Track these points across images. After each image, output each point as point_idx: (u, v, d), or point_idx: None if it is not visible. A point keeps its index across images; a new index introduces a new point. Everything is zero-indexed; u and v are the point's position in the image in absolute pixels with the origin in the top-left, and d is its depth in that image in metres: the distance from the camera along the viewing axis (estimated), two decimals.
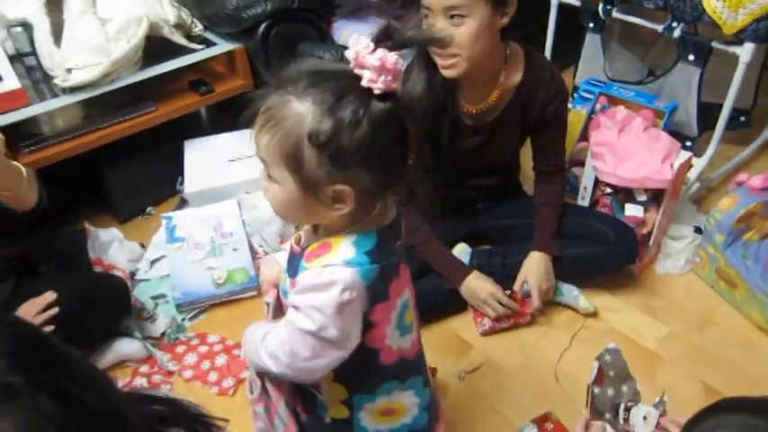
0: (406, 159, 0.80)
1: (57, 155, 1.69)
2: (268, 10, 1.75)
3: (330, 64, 0.83)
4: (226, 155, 1.92)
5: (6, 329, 0.48)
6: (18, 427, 0.42)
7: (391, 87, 0.73)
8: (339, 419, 0.93)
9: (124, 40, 1.68)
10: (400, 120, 0.76)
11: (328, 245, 0.80)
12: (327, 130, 0.71)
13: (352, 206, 0.77)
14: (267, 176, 0.78)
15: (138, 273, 1.73)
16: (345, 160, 0.72)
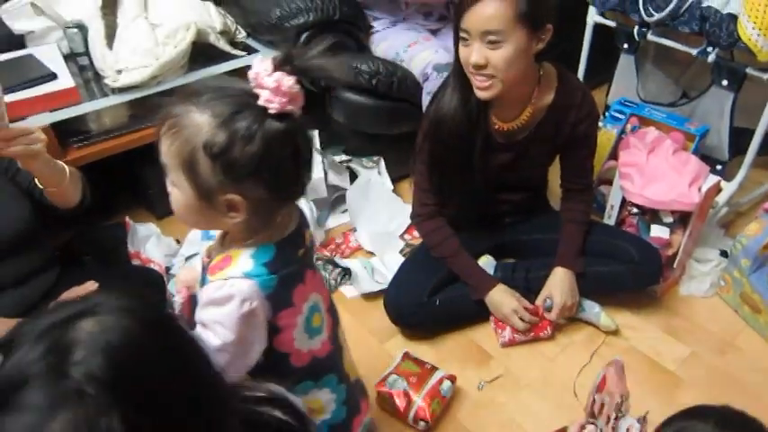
0: (301, 176, 0.84)
1: (102, 151, 1.77)
2: (310, 20, 1.81)
3: (234, 82, 0.88)
4: None
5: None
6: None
7: (286, 108, 0.77)
8: None
9: (172, 44, 1.76)
10: (294, 139, 0.80)
11: (229, 258, 0.86)
12: (221, 141, 0.76)
13: (246, 215, 0.83)
14: (169, 180, 0.84)
15: (172, 267, 1.80)
16: (237, 172, 0.78)
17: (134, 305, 0.53)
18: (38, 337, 0.49)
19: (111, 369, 0.48)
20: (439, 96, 1.43)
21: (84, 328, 0.49)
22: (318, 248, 1.88)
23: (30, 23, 1.94)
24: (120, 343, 0.49)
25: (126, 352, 0.50)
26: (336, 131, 2.03)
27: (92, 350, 0.48)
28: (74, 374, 0.47)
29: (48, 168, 1.24)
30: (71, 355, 0.47)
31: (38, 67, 1.76)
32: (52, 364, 0.47)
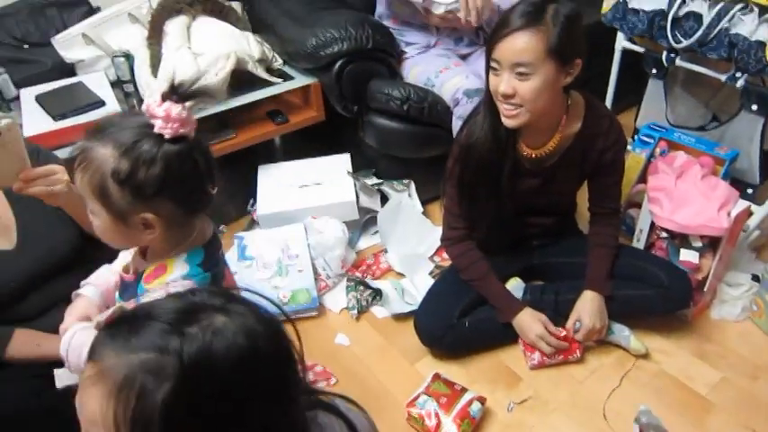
0: (207, 189, 0.94)
1: None
2: (344, 49, 1.88)
3: (131, 116, 0.97)
4: (296, 181, 2.05)
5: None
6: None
7: (179, 132, 0.87)
8: None
9: (213, 72, 1.85)
10: (191, 156, 0.89)
11: (163, 266, 0.96)
12: (126, 168, 0.86)
13: (162, 230, 0.92)
14: (89, 209, 0.93)
15: None
16: (145, 193, 0.88)
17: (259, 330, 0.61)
18: (179, 303, 0.60)
19: (204, 364, 0.55)
20: (470, 122, 1.48)
21: (218, 319, 0.58)
22: (350, 269, 1.93)
23: (80, 52, 2.06)
24: (224, 356, 0.57)
25: (226, 364, 0.56)
26: (368, 155, 2.09)
27: (207, 340, 0.56)
28: (176, 344, 0.55)
29: (73, 205, 1.24)
30: (191, 328, 0.56)
31: (87, 95, 1.86)
32: (178, 321, 0.57)
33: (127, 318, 0.60)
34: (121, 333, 0.57)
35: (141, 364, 0.54)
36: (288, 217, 1.95)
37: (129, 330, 0.57)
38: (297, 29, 1.98)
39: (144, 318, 0.58)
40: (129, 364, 0.55)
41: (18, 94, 1.90)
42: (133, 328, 0.57)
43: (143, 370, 0.54)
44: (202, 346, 0.55)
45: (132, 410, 0.54)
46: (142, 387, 0.54)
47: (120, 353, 0.56)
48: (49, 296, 1.37)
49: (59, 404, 1.33)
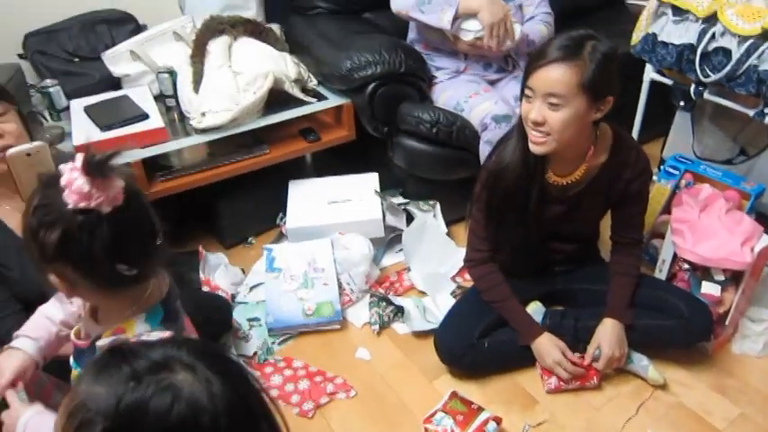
0: (114, 264, 0.89)
1: (183, 185, 1.94)
2: (377, 73, 1.95)
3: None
4: (326, 197, 2.12)
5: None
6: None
7: (80, 206, 0.83)
8: None
9: (251, 91, 1.93)
10: (97, 231, 0.86)
11: (121, 329, 0.94)
12: (33, 225, 0.87)
13: (89, 292, 0.91)
14: None
15: (238, 295, 1.94)
16: (45, 254, 0.87)
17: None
18: (159, 352, 0.62)
19: (135, 417, 0.58)
20: (500, 149, 1.52)
21: (180, 376, 0.60)
22: (373, 285, 1.97)
23: (127, 67, 2.16)
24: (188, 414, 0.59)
25: (158, 425, 0.58)
26: (396, 175, 2.15)
27: (148, 394, 0.58)
28: (124, 390, 0.58)
29: None
30: (149, 377, 0.59)
31: (132, 108, 1.95)
32: (145, 369, 0.60)
33: (114, 351, 0.64)
34: (101, 364, 0.62)
35: (94, 397, 0.59)
36: (316, 232, 2.01)
37: (105, 364, 0.61)
38: (332, 51, 2.06)
39: (122, 357, 0.61)
40: (88, 394, 0.60)
41: (68, 104, 2.01)
42: (109, 364, 0.61)
43: (93, 404, 0.59)
44: (140, 398, 0.58)
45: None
46: (85, 418, 0.58)
47: (88, 380, 0.61)
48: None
49: None
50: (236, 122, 1.93)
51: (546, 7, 2.15)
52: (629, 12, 2.80)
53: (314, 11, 2.34)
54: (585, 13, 2.82)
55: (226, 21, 2.05)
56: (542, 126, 1.35)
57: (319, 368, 1.71)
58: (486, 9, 1.91)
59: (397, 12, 2.11)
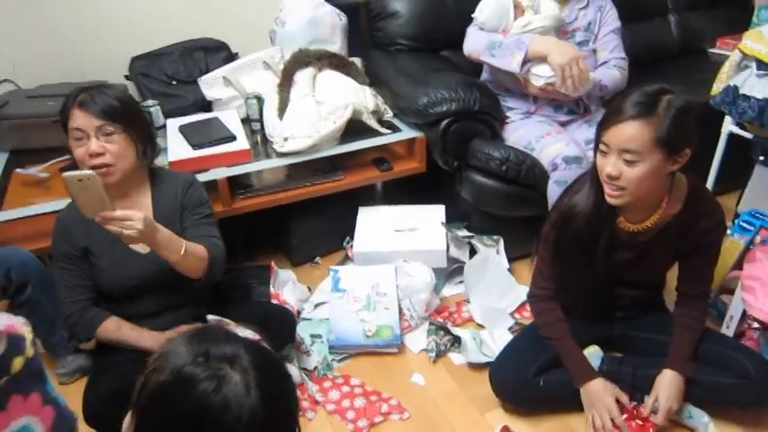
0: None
1: (261, 204, 2.07)
2: (452, 109, 2.03)
3: None
4: (392, 225, 2.20)
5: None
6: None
7: None
8: None
9: (332, 120, 2.05)
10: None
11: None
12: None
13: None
14: None
15: (303, 312, 2.03)
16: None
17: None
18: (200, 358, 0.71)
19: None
20: (570, 192, 1.55)
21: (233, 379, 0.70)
22: (433, 313, 2.02)
23: (219, 92, 2.34)
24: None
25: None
26: (462, 208, 2.21)
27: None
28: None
29: (153, 245, 1.40)
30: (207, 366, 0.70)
31: (222, 129, 2.11)
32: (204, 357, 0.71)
33: (213, 329, 0.78)
34: (200, 331, 0.75)
35: (174, 353, 0.71)
36: (381, 257, 2.08)
37: (201, 333, 0.75)
38: (410, 86, 2.16)
39: (210, 336, 0.74)
40: (174, 347, 0.72)
41: (165, 123, 2.19)
42: (203, 335, 0.74)
43: (171, 356, 0.71)
44: (194, 374, 0.69)
45: (144, 374, 0.72)
46: (159, 365, 0.71)
47: (182, 342, 0.73)
48: (159, 302, 1.59)
49: None
50: (315, 148, 2.05)
51: (620, 52, 2.17)
52: (710, 61, 2.78)
53: (394, 47, 2.46)
54: (664, 59, 2.82)
55: (312, 54, 2.20)
56: (618, 180, 1.36)
57: (375, 388, 1.76)
58: (556, 51, 1.95)
59: (469, 55, 2.19)
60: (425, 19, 2.43)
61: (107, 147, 1.41)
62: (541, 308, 1.66)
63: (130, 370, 1.48)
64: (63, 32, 2.46)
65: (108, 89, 1.45)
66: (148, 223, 1.33)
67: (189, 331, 0.75)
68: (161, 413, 0.69)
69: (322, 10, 2.39)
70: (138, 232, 1.30)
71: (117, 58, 2.47)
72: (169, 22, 2.58)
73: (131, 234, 1.30)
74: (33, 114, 2.10)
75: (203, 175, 1.94)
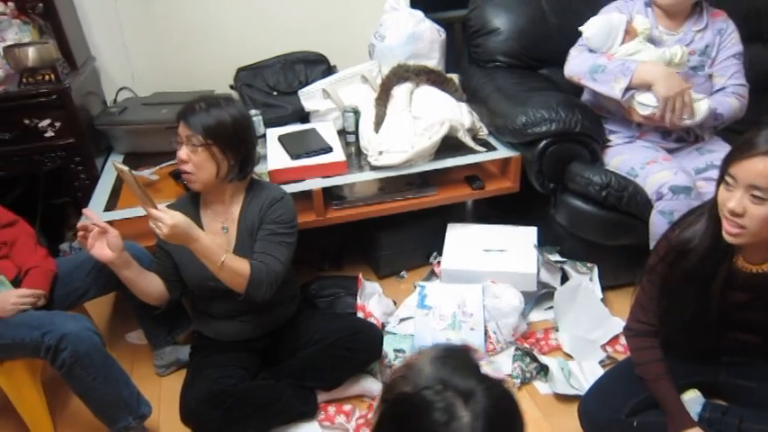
0: None
1: (353, 215, 2.10)
2: (552, 130, 1.97)
3: None
4: (482, 244, 2.17)
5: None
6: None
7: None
8: None
9: (427, 136, 2.05)
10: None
11: None
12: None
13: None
14: None
15: (387, 325, 2.04)
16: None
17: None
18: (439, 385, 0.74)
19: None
20: (684, 224, 1.45)
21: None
22: (519, 339, 1.97)
23: (317, 104, 2.41)
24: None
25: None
26: (555, 232, 2.14)
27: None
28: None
29: (194, 252, 1.47)
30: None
31: (319, 141, 2.17)
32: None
33: (460, 357, 0.79)
34: (445, 354, 0.78)
35: (420, 369, 0.76)
36: (468, 276, 2.06)
37: (446, 356, 0.78)
38: (508, 105, 2.12)
39: (456, 365, 0.76)
40: (420, 363, 0.77)
41: (265, 132, 2.28)
42: (446, 360, 0.77)
43: (417, 372, 0.76)
44: (429, 401, 0.72)
45: (394, 376, 0.79)
46: (406, 375, 0.76)
47: (431, 359, 0.77)
48: (232, 308, 1.64)
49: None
50: (409, 163, 2.06)
51: (740, 79, 2.03)
52: None
53: (492, 63, 2.43)
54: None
55: (412, 69, 2.21)
56: (740, 218, 1.27)
57: None
58: (662, 82, 1.85)
59: (569, 77, 2.12)
60: (526, 36, 2.38)
61: (191, 156, 1.50)
62: (639, 344, 1.57)
63: (224, 373, 1.59)
64: (176, 45, 2.63)
65: (216, 107, 1.51)
66: (180, 231, 1.41)
67: (440, 350, 0.79)
68: (396, 418, 0.76)
69: (422, 25, 2.40)
70: (165, 235, 1.40)
71: (224, 69, 2.60)
72: (273, 35, 2.69)
73: (160, 234, 1.41)
74: (148, 121, 2.25)
75: (300, 184, 1.99)
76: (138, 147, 2.28)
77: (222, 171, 1.53)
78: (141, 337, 2.01)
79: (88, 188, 2.13)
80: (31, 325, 1.53)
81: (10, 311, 1.55)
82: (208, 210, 1.64)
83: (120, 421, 1.59)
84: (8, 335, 1.53)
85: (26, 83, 1.99)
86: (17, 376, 1.64)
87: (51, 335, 1.49)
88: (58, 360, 1.50)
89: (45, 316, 1.57)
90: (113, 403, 1.58)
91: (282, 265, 1.58)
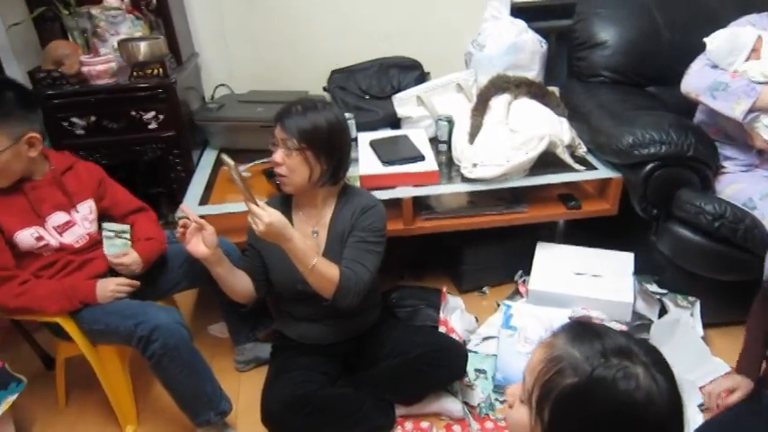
0: None
1: (441, 227, 2.05)
2: (661, 153, 1.85)
3: None
4: (573, 266, 2.06)
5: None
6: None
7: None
8: None
9: (524, 150, 1.97)
10: None
11: None
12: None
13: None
14: None
15: (469, 343, 1.97)
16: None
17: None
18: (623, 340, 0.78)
19: (599, 389, 0.73)
20: None
21: (637, 369, 0.73)
22: None
23: (411, 110, 2.38)
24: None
25: (610, 403, 0.73)
26: (654, 260, 2.01)
27: (613, 375, 0.73)
28: (596, 362, 0.75)
29: (287, 252, 1.45)
30: (613, 360, 0.74)
31: (411, 148, 2.13)
32: (611, 350, 0.75)
33: (585, 325, 0.82)
34: (575, 331, 0.80)
35: (570, 357, 0.76)
36: (557, 299, 1.96)
37: (580, 333, 0.79)
38: (613, 123, 2.01)
39: (593, 333, 0.79)
40: (564, 351, 0.77)
41: (356, 136, 2.27)
42: (583, 334, 0.79)
43: (568, 360, 0.76)
44: (610, 376, 0.73)
45: (546, 376, 0.77)
46: (561, 369, 0.76)
47: (566, 342, 0.78)
48: (316, 311, 1.62)
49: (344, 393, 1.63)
50: (503, 177, 1.99)
51: None
52: None
53: (596, 78, 2.32)
54: None
55: (512, 80, 2.14)
56: None
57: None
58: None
59: (686, 92, 1.99)
60: (635, 50, 2.26)
61: (285, 160, 1.49)
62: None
63: (307, 377, 1.58)
64: (274, 45, 2.68)
65: (313, 111, 1.50)
66: (276, 229, 1.40)
67: (566, 331, 0.81)
68: (578, 412, 0.75)
69: (525, 36, 2.33)
70: (261, 232, 1.39)
71: (318, 71, 2.62)
72: (368, 39, 2.68)
73: (256, 230, 1.40)
74: (244, 118, 2.29)
75: (390, 192, 1.96)
76: (233, 143, 2.33)
77: (315, 176, 1.52)
78: (223, 331, 2.04)
79: (183, 180, 2.20)
80: (125, 314, 1.57)
81: (107, 298, 1.60)
82: (299, 212, 1.63)
83: (201, 415, 1.61)
84: (104, 321, 1.58)
85: (136, 76, 2.07)
86: (108, 360, 1.69)
87: (144, 326, 1.52)
88: (149, 350, 1.53)
89: (138, 306, 1.61)
90: (196, 396, 1.60)
91: (370, 274, 1.55)
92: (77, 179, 1.71)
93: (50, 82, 2.06)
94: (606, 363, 0.74)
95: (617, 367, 0.73)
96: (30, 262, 1.61)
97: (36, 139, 1.56)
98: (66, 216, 1.66)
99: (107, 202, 1.77)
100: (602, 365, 0.73)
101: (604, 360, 0.74)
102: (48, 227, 1.62)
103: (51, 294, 1.57)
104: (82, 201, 1.70)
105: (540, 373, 0.78)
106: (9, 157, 1.51)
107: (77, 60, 2.11)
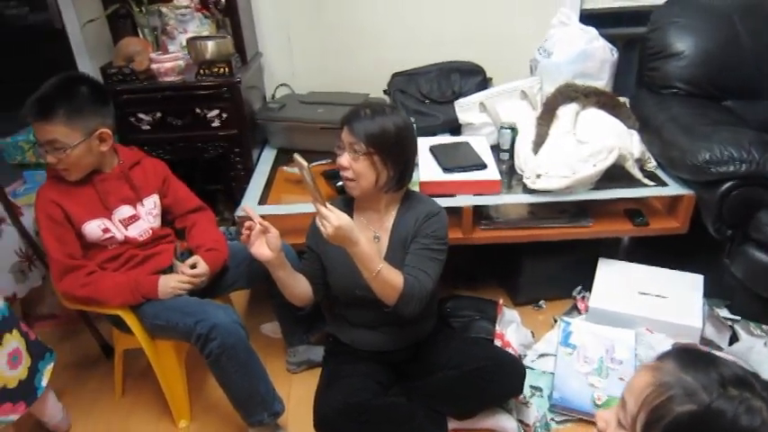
0: None
1: (501, 237, 2.00)
2: (740, 171, 1.75)
3: None
4: (637, 285, 1.98)
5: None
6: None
7: None
8: None
9: (592, 162, 1.90)
10: None
11: None
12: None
13: None
14: None
15: (525, 358, 1.91)
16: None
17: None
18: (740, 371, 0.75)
19: (724, 421, 0.70)
20: None
21: (757, 403, 0.70)
22: None
23: (472, 116, 2.33)
24: None
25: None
26: (726, 284, 1.91)
27: (736, 409, 0.70)
28: (715, 393, 0.72)
29: (353, 257, 1.41)
30: (733, 392, 0.71)
31: (472, 156, 2.09)
32: (729, 380, 0.73)
33: (697, 353, 0.79)
34: (688, 358, 0.77)
35: (684, 383, 0.73)
36: (619, 319, 1.89)
37: (692, 360, 0.76)
38: (688, 138, 1.91)
39: (707, 360, 0.76)
40: (677, 378, 0.74)
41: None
42: (696, 361, 0.76)
43: (682, 387, 0.73)
44: (732, 409, 0.69)
45: (657, 401, 0.74)
46: (673, 395, 0.73)
47: (677, 367, 0.75)
48: (373, 317, 1.59)
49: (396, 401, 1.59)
50: (568, 190, 1.92)
51: None
52: None
53: (668, 90, 2.23)
54: None
55: (581, 89, 2.07)
56: None
57: None
58: None
59: None
60: (713, 62, 2.16)
61: (353, 164, 1.47)
62: None
63: (362, 385, 1.55)
64: (336, 46, 2.67)
65: (381, 115, 1.47)
66: (344, 233, 1.36)
67: (675, 357, 0.78)
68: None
69: (595, 44, 2.25)
70: (329, 234, 1.36)
71: (379, 73, 2.60)
72: (431, 43, 2.65)
73: (324, 232, 1.37)
74: (305, 119, 2.29)
75: (450, 200, 1.93)
76: (292, 143, 2.33)
77: (381, 180, 1.50)
78: (276, 331, 2.04)
79: (242, 179, 2.21)
80: (185, 311, 1.58)
81: (168, 294, 1.62)
82: (361, 216, 1.62)
83: (255, 415, 1.61)
84: (164, 317, 1.60)
85: (203, 74, 2.10)
86: (165, 354, 1.71)
87: (203, 324, 1.53)
88: (207, 349, 1.54)
89: (198, 304, 1.62)
90: (251, 396, 1.60)
91: (433, 282, 1.52)
92: (144, 174, 1.74)
93: (121, 78, 2.11)
94: (725, 393, 0.71)
95: (738, 399, 0.70)
96: (95, 254, 1.65)
97: (107, 134, 1.59)
98: (131, 210, 1.69)
99: (169, 200, 1.80)
100: (722, 396, 0.71)
101: (723, 390, 0.71)
102: (114, 219, 1.66)
103: (116, 287, 1.60)
104: (147, 195, 1.73)
105: (649, 398, 0.75)
106: (81, 151, 1.55)
107: (147, 57, 2.15)
